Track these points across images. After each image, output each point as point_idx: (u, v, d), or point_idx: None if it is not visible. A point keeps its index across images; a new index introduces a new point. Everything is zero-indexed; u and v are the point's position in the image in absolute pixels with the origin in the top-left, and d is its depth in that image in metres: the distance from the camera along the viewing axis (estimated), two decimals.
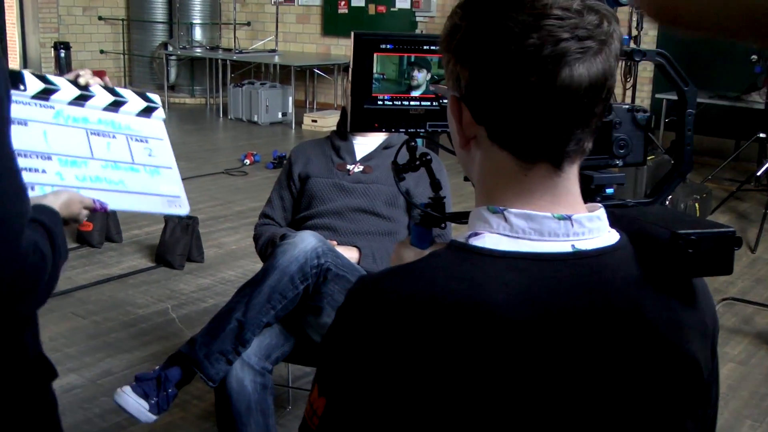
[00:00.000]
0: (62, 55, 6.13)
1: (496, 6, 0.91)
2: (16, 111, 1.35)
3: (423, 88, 1.35)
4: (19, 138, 1.32)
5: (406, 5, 10.68)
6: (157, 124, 1.72)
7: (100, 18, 11.98)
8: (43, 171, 1.35)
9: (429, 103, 1.34)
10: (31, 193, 1.28)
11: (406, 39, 1.31)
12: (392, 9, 10.83)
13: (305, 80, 11.12)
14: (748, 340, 4.11)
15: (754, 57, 6.96)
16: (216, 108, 10.89)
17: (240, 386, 2.28)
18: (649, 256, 1.01)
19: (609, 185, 1.30)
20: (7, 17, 11.02)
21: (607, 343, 0.94)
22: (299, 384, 3.34)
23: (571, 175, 0.97)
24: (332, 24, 11.46)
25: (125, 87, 6.76)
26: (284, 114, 10.30)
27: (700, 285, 1.07)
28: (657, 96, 8.01)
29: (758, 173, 6.57)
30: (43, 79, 1.48)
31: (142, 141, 1.62)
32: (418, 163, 1.41)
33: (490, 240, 0.95)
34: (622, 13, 8.25)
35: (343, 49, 11.42)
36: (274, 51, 11.29)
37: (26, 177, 1.28)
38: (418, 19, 10.55)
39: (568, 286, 0.93)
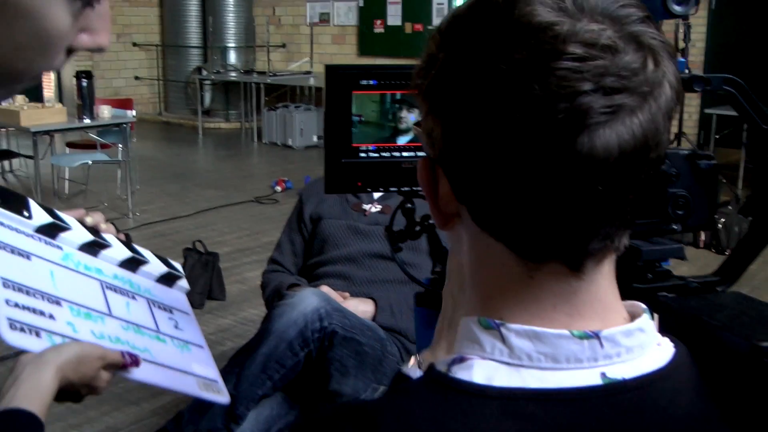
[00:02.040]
0: (84, 84, 5.92)
1: (486, 35, 0.61)
2: (17, 241, 1.11)
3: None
4: (21, 271, 1.07)
5: None
6: (180, 296, 1.42)
7: (134, 44, 11.93)
8: (51, 316, 1.07)
9: (425, 153, 1.04)
10: (33, 342, 1.00)
11: (393, 72, 1.01)
12: (429, 27, 10.57)
13: None
14: None
15: None
16: (251, 132, 10.71)
17: None
18: (720, 380, 0.70)
19: (663, 259, 0.98)
20: None
21: None
22: None
23: (598, 277, 0.66)
24: (368, 44, 11.26)
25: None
26: (319, 137, 10.10)
27: None
28: (706, 111, 7.62)
29: None
30: (51, 212, 1.22)
31: (166, 310, 1.34)
32: (418, 228, 1.11)
33: (481, 370, 0.64)
34: (668, 24, 7.86)
35: None
36: (309, 73, 11.10)
37: (30, 319, 1.01)
38: None
39: None
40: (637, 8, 0.61)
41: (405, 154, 1.04)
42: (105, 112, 6.25)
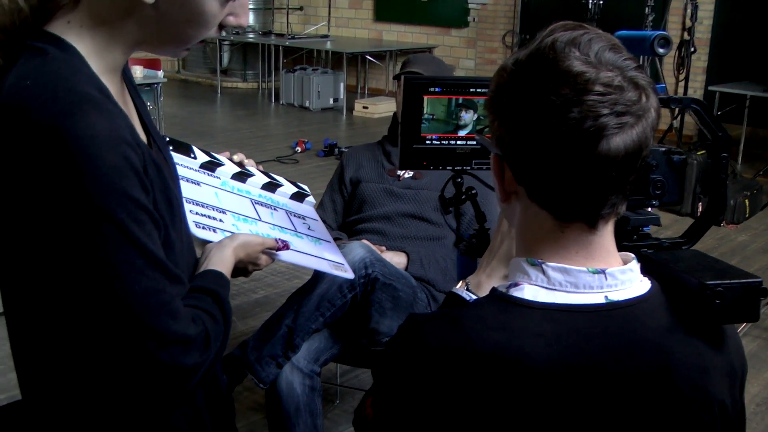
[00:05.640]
0: None
1: (541, 77, 0.96)
2: (189, 174, 1.51)
3: (470, 127, 1.42)
4: (194, 193, 1.46)
5: None
6: (309, 208, 1.83)
7: None
8: (220, 221, 1.44)
9: (475, 143, 1.42)
10: (212, 235, 1.35)
11: (454, 82, 1.39)
12: None
13: (357, 66, 11.19)
14: None
15: None
16: (268, 93, 11.02)
17: (289, 388, 2.40)
18: (679, 305, 1.08)
19: (645, 225, 1.36)
20: None
21: (636, 390, 1.01)
22: (347, 379, 3.45)
23: (605, 232, 1.04)
24: (385, 10, 11.50)
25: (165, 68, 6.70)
26: (336, 100, 10.40)
27: (728, 329, 1.13)
28: (710, 88, 7.93)
29: None
30: (208, 153, 1.63)
31: (300, 217, 1.74)
32: (464, 197, 1.49)
33: (529, 291, 1.02)
34: (677, 1, 8.16)
35: (395, 35, 11.46)
36: (326, 36, 11.37)
37: (206, 222, 1.39)
38: (470, 6, 10.53)
39: (600, 335, 1.00)
40: (632, 60, 0.99)
41: (459, 142, 1.42)
42: (137, 72, 6.58)
